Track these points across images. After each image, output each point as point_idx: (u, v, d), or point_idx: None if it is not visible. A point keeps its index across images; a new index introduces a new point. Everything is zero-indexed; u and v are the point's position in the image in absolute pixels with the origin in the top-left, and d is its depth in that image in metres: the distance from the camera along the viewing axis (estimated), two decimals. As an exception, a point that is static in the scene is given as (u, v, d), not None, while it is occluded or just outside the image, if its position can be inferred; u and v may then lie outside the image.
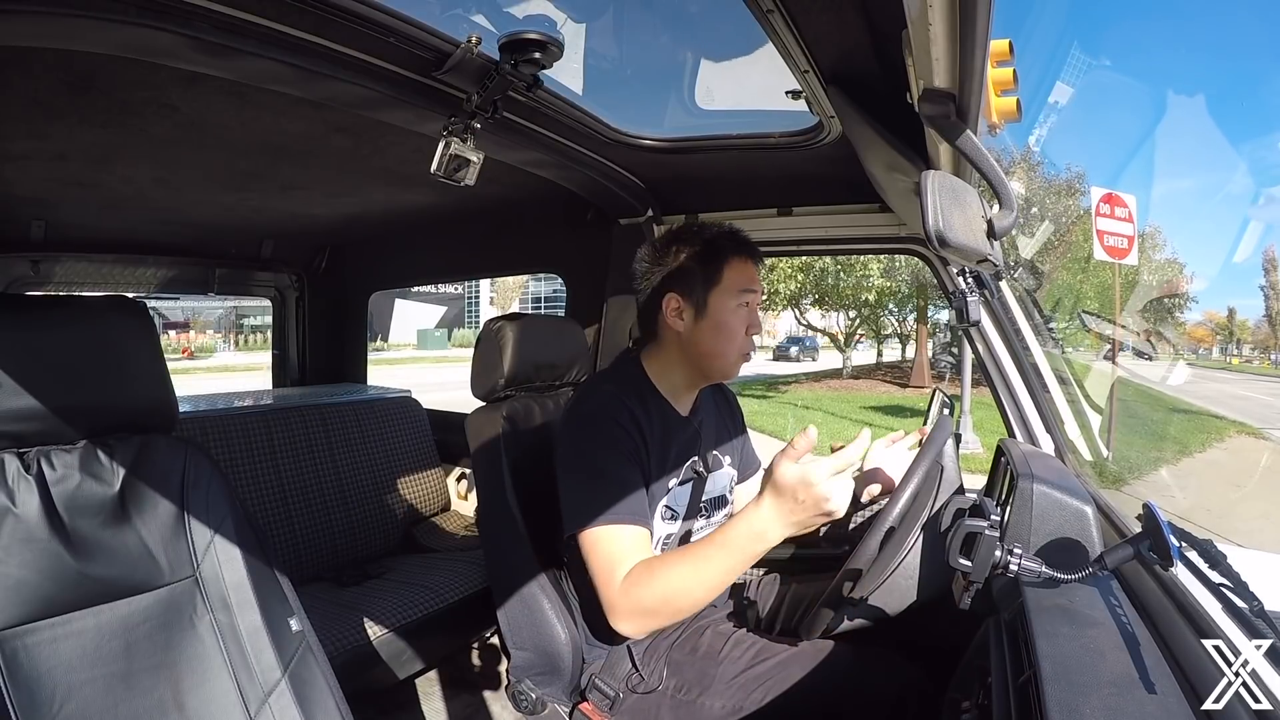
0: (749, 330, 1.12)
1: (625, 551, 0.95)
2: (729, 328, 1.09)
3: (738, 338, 1.10)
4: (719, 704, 1.01)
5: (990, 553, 0.76)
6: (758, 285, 1.13)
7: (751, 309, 1.12)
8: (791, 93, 1.14)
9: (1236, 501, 4.97)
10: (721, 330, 1.09)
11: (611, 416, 1.04)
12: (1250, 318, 19.21)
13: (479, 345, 1.40)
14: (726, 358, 1.11)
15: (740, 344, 1.11)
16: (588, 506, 0.99)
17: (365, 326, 2.95)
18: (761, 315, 1.27)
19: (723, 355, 1.11)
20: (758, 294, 1.13)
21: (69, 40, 0.86)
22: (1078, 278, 10.07)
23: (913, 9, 0.61)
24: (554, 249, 2.17)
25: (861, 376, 17.29)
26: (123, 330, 0.86)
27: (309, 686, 0.88)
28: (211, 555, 0.89)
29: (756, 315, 1.14)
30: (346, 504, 2.08)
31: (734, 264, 1.09)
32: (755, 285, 1.12)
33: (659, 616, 0.94)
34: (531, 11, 1.18)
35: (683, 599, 0.91)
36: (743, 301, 1.10)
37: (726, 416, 1.31)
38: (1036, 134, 10.12)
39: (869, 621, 1.00)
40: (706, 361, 1.12)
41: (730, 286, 1.08)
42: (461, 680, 2.04)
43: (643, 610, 0.92)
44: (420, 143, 1.31)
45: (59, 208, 1.91)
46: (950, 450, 1.03)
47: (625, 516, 0.97)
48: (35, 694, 0.72)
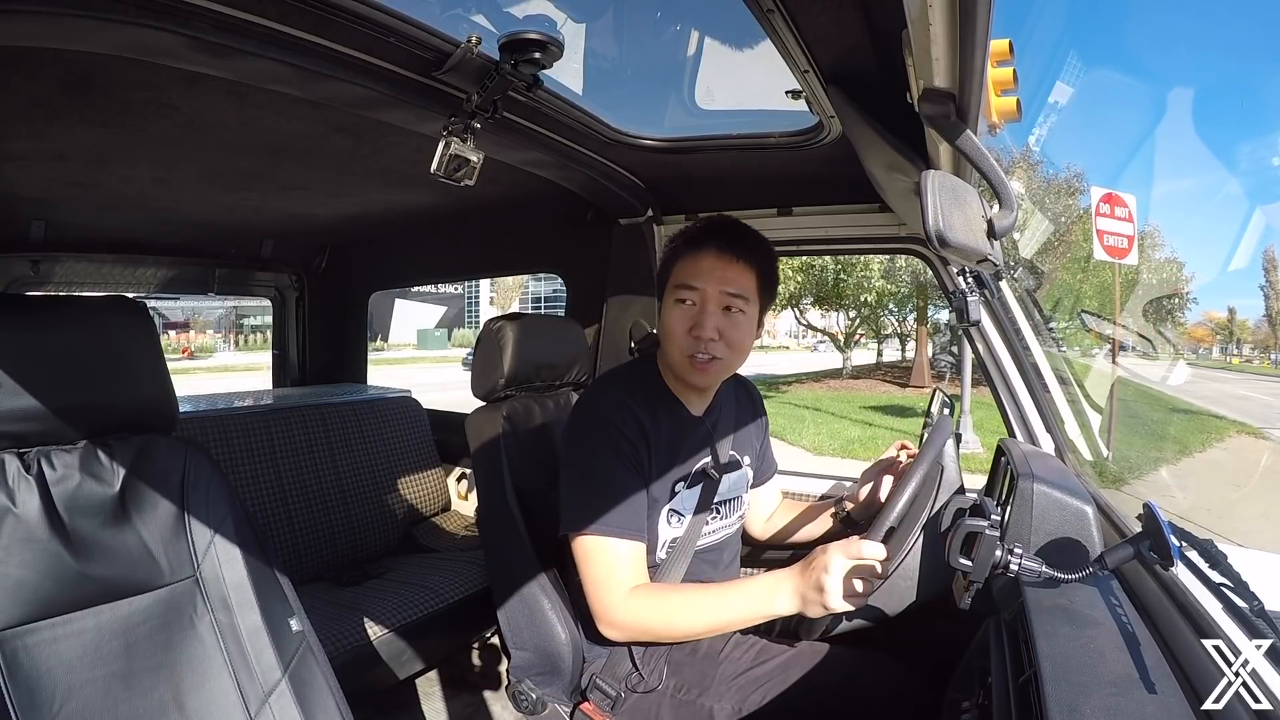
0: (691, 330, 1.03)
1: (619, 567, 1.00)
2: (666, 327, 1.07)
3: (674, 337, 1.05)
4: (719, 704, 1.01)
5: (990, 553, 0.76)
6: (703, 281, 1.02)
7: (699, 307, 1.03)
8: (791, 93, 1.14)
9: (1236, 501, 4.97)
10: (664, 330, 1.08)
11: (614, 421, 1.04)
12: (1250, 318, 19.22)
13: (479, 345, 1.40)
14: (671, 358, 1.08)
15: (680, 344, 1.04)
16: (582, 510, 1.01)
17: (365, 326, 2.95)
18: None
19: (669, 355, 1.09)
20: (704, 290, 1.02)
21: (69, 40, 0.86)
22: (1078, 278, 10.07)
23: (913, 9, 0.61)
24: (554, 249, 2.17)
25: (861, 376, 17.29)
26: (123, 330, 0.86)
27: (309, 686, 0.88)
28: (212, 555, 0.89)
29: (704, 316, 1.02)
30: (346, 504, 2.08)
31: (683, 259, 1.06)
32: (696, 280, 1.02)
33: (649, 635, 1.01)
34: (531, 11, 1.18)
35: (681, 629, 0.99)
36: (679, 298, 1.04)
37: (748, 415, 1.27)
38: (1036, 134, 10.13)
39: (869, 622, 1.00)
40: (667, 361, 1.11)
41: (672, 283, 1.07)
42: (461, 680, 2.04)
43: (637, 628, 0.99)
44: (420, 143, 1.31)
45: (59, 208, 1.91)
46: (950, 450, 1.03)
47: (620, 530, 1.00)
48: (35, 694, 0.72)
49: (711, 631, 1.00)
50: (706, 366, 1.05)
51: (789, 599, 0.91)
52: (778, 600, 0.92)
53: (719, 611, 0.96)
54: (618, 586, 0.99)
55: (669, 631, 1.00)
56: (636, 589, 0.99)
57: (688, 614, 0.97)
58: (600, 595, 1.00)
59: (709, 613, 0.96)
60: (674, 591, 1.03)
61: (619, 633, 1.00)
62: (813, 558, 0.90)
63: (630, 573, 1.00)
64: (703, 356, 1.04)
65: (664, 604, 0.99)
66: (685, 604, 0.98)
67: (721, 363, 1.06)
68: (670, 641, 1.05)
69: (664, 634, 1.01)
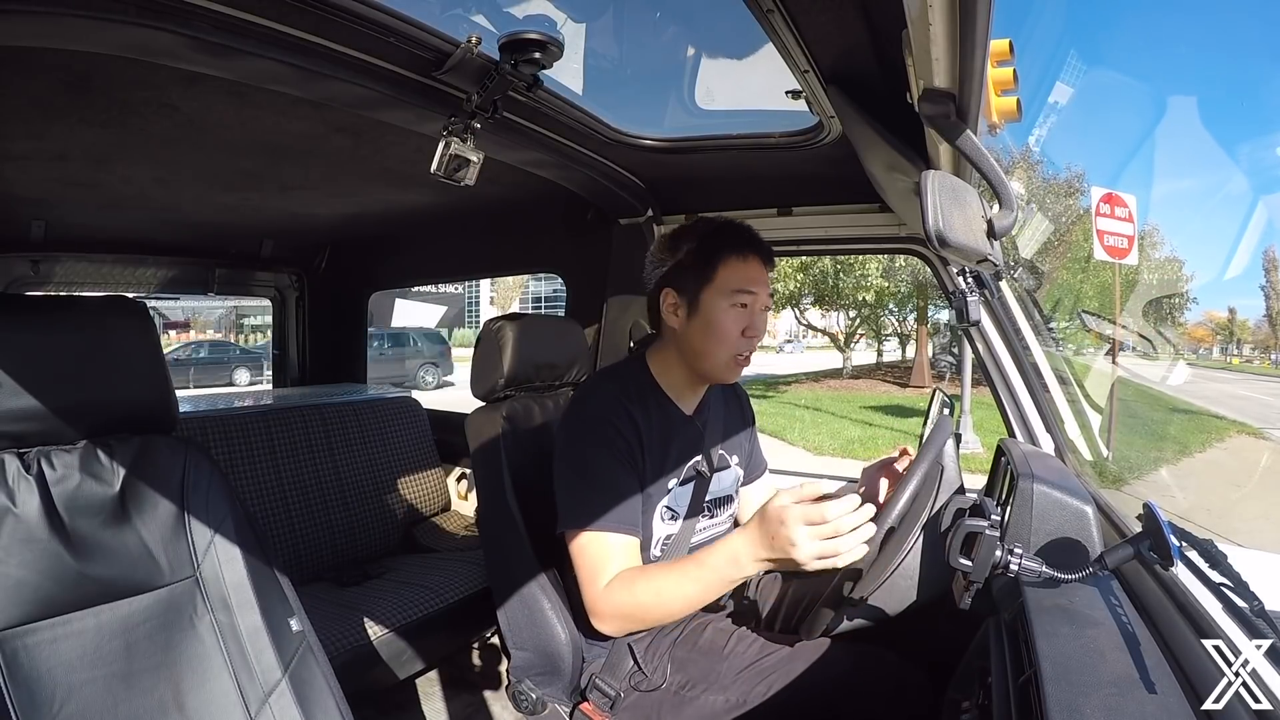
0: (745, 332, 1.08)
1: (610, 558, 0.99)
2: (720, 327, 1.07)
3: (729, 339, 1.07)
4: (722, 698, 1.01)
5: (990, 553, 0.76)
6: (758, 286, 1.08)
7: (751, 310, 1.08)
8: (791, 93, 1.14)
9: (1236, 501, 4.97)
10: (712, 329, 1.07)
11: (608, 418, 1.04)
12: (1250, 318, 19.22)
13: (479, 345, 1.40)
14: (716, 358, 1.09)
15: (732, 345, 1.08)
16: (577, 508, 1.01)
17: (365, 326, 2.95)
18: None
19: (712, 355, 1.09)
20: (759, 295, 1.08)
21: (69, 40, 0.86)
22: (1078, 278, 10.07)
23: (913, 9, 0.61)
24: (554, 249, 2.17)
25: (861, 376, 17.28)
26: (123, 330, 0.86)
27: (309, 687, 0.88)
28: (212, 555, 0.88)
29: (758, 318, 1.09)
30: (346, 504, 2.08)
31: (730, 262, 1.07)
32: (754, 286, 1.07)
33: (634, 621, 0.99)
34: (531, 11, 1.18)
35: (657, 609, 0.96)
36: (736, 302, 1.07)
37: (736, 415, 1.29)
38: (1036, 134, 10.13)
39: (869, 621, 1.00)
40: (698, 361, 1.11)
41: (723, 285, 1.06)
42: (461, 680, 2.04)
43: (620, 614, 0.98)
44: (420, 143, 1.31)
45: (59, 208, 1.91)
46: (950, 450, 1.03)
47: (613, 524, 1.00)
48: (35, 694, 0.72)
49: (690, 606, 0.95)
50: (745, 363, 1.12)
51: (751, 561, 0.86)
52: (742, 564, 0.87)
53: (687, 584, 0.92)
54: (605, 579, 0.98)
55: (647, 613, 0.96)
56: (614, 577, 0.97)
57: (660, 592, 0.94)
58: (589, 588, 0.99)
59: (678, 586, 0.93)
60: (642, 574, 0.98)
61: (606, 623, 0.98)
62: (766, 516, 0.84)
63: (620, 566, 0.99)
64: (744, 356, 1.10)
65: (635, 586, 0.96)
66: (654, 582, 0.95)
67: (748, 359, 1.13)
68: (654, 624, 1.03)
69: (644, 616, 0.97)
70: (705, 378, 1.14)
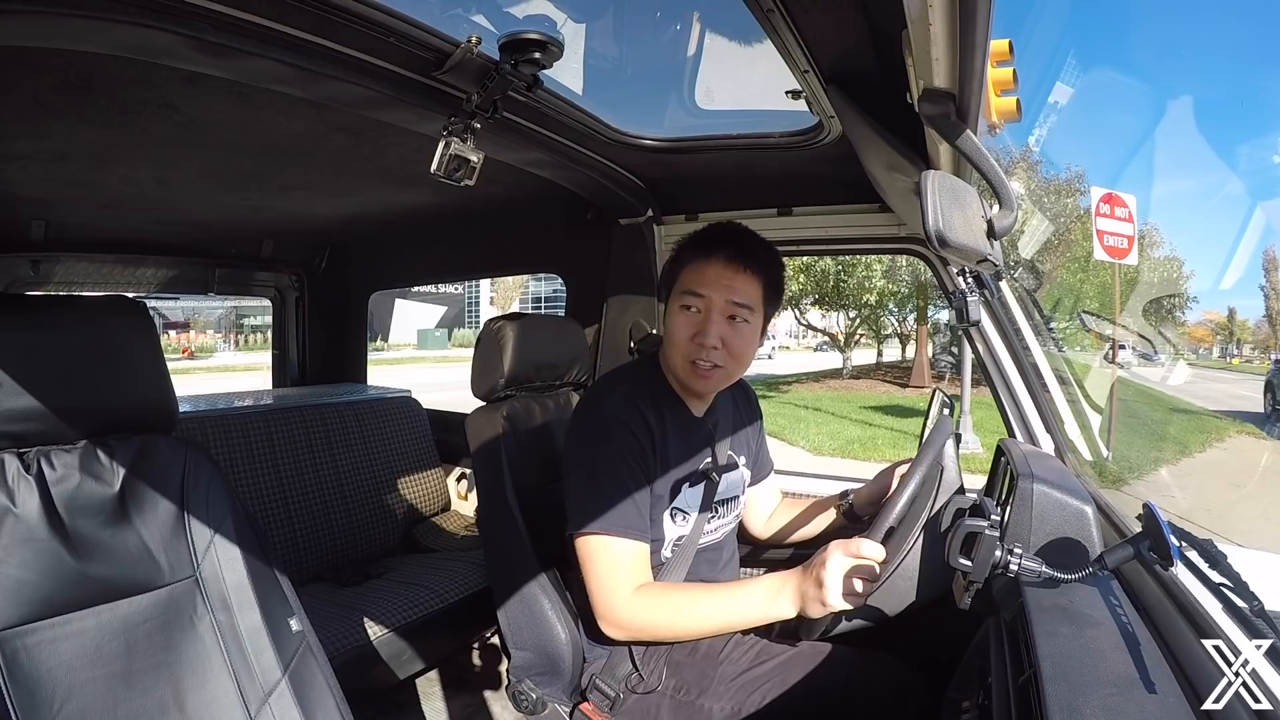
0: (694, 337, 1.03)
1: (624, 565, 1.00)
2: (669, 331, 1.07)
3: (678, 344, 1.05)
4: (718, 705, 1.01)
5: (990, 553, 0.76)
6: (708, 288, 1.02)
7: (704, 314, 1.02)
8: (791, 93, 1.14)
9: (1236, 501, 4.97)
10: (667, 334, 1.08)
11: (622, 420, 1.04)
12: (1250, 318, 19.21)
13: (479, 345, 1.40)
14: (672, 363, 1.08)
15: (683, 350, 1.04)
16: (590, 511, 1.01)
17: (365, 326, 2.95)
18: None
19: (669, 360, 1.09)
20: (709, 298, 1.02)
21: (69, 40, 0.86)
22: (1078, 278, 10.07)
23: (913, 9, 0.61)
24: (554, 249, 2.17)
25: (862, 376, 17.28)
26: (123, 330, 0.86)
27: (309, 687, 0.88)
28: (211, 555, 0.89)
29: (709, 324, 1.02)
30: (346, 504, 2.08)
31: (691, 264, 1.05)
32: (702, 288, 1.02)
33: (649, 635, 1.02)
34: (531, 11, 1.18)
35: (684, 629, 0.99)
36: (684, 304, 1.04)
37: (744, 416, 1.29)
38: (1036, 134, 10.12)
39: (868, 622, 1.00)
40: (667, 366, 1.11)
41: (678, 288, 1.06)
42: (461, 680, 2.04)
43: (637, 627, 1.00)
44: (420, 143, 1.31)
45: (59, 208, 1.91)
46: (950, 450, 1.03)
47: (625, 530, 1.00)
48: (35, 694, 0.72)
49: (715, 632, 1.00)
50: (708, 374, 1.05)
51: (791, 599, 0.92)
52: (780, 600, 0.92)
53: (722, 612, 0.96)
54: (622, 586, 0.99)
55: (672, 631, 1.00)
56: (641, 588, 1.00)
57: (691, 614, 0.98)
58: (604, 595, 1.00)
59: (712, 613, 0.97)
60: (678, 591, 1.03)
61: (622, 632, 1.00)
62: (814, 558, 0.91)
63: (634, 572, 1.00)
64: (704, 364, 1.04)
65: (668, 604, 0.99)
66: (688, 604, 0.99)
67: (723, 371, 1.06)
68: (672, 641, 1.05)
69: (667, 634, 1.01)
70: (678, 383, 1.12)
